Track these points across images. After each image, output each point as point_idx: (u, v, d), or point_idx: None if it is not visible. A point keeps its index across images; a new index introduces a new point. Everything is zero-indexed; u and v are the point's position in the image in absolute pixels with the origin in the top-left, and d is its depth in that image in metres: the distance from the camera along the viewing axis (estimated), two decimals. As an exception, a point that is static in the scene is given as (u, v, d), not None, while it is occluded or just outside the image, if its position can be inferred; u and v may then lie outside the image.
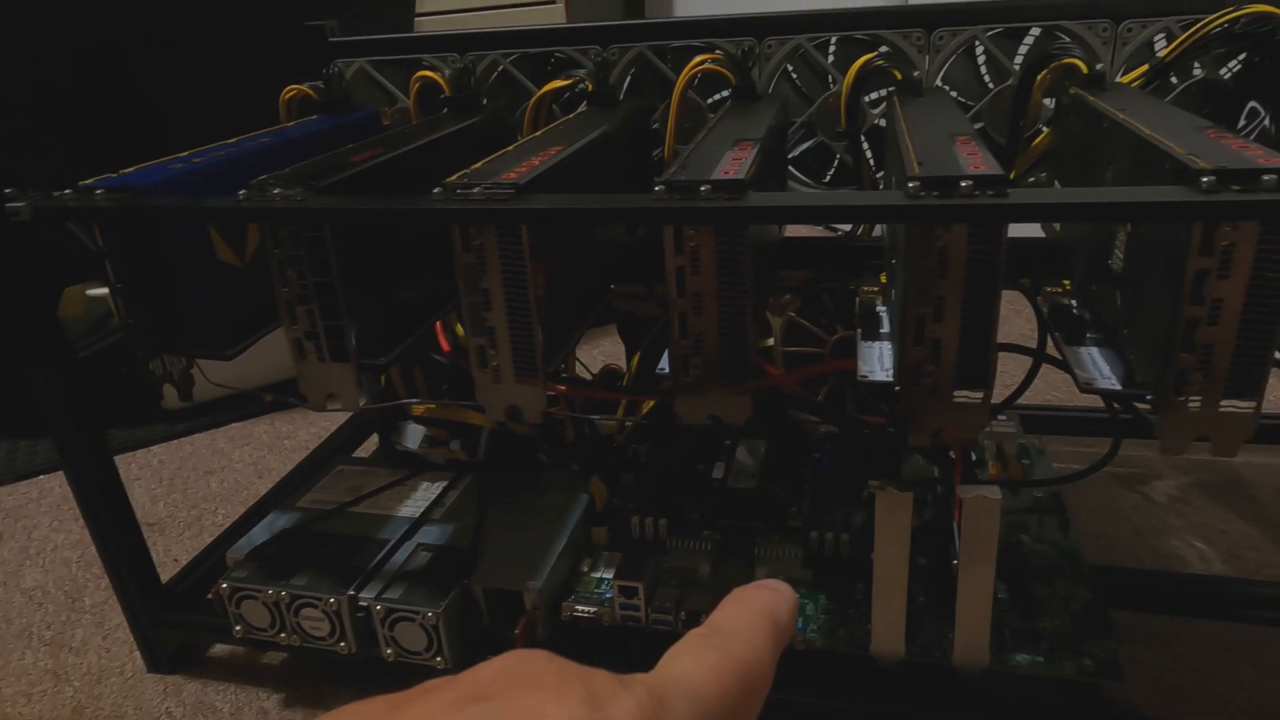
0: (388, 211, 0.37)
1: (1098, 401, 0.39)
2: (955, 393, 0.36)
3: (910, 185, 0.32)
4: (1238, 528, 0.61)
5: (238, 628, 0.50)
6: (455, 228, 0.37)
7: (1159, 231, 0.33)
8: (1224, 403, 0.33)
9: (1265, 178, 0.29)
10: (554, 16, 1.41)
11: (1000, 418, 0.62)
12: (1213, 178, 0.29)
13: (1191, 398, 0.33)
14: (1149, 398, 0.35)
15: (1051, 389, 0.80)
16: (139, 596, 0.55)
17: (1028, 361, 0.45)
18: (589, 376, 0.66)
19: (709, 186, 0.34)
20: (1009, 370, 0.44)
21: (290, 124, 0.57)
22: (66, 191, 0.41)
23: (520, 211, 0.35)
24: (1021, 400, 0.50)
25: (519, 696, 0.17)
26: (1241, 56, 0.50)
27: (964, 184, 0.31)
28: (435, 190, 0.37)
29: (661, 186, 0.34)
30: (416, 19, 1.14)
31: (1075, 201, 0.31)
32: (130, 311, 0.44)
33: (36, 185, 0.42)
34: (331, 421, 0.84)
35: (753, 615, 0.22)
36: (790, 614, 0.23)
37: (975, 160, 0.34)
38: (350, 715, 0.17)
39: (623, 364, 0.64)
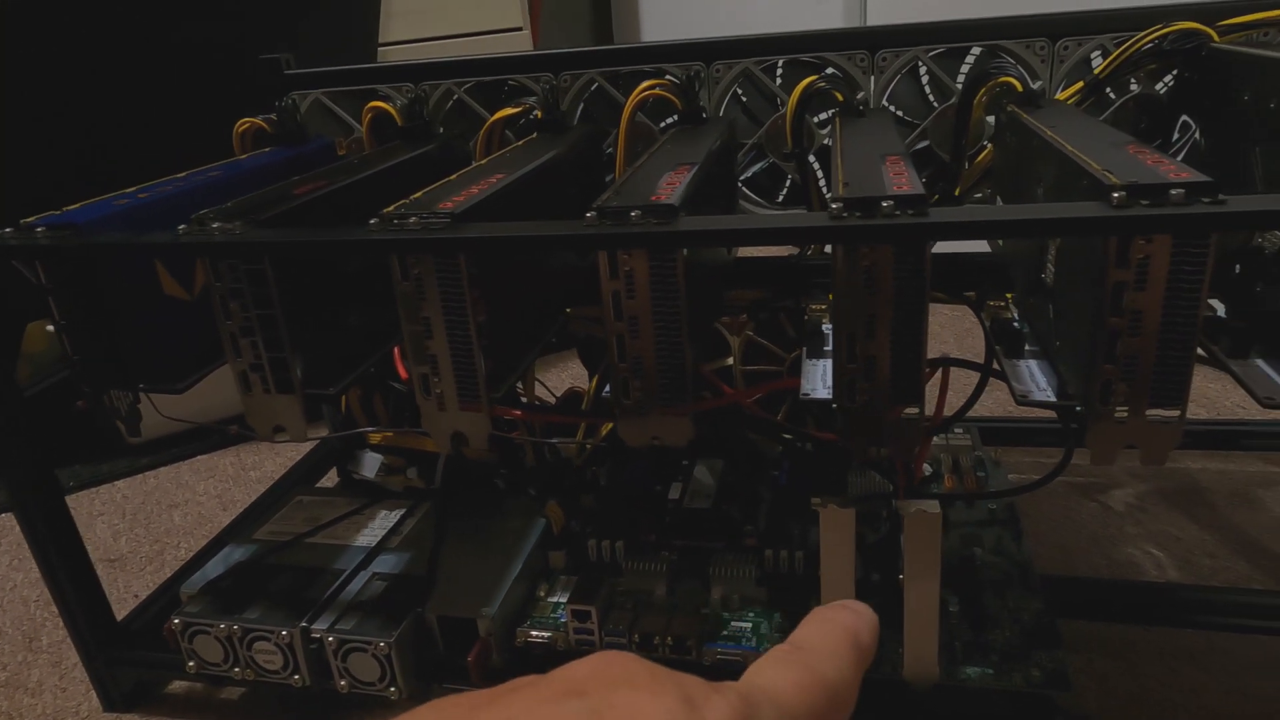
0: (323, 243, 0.37)
1: (1052, 413, 0.39)
2: (892, 408, 0.36)
3: (834, 206, 0.32)
4: (1192, 534, 0.62)
5: (191, 663, 0.50)
6: (394, 257, 0.37)
7: (1081, 246, 0.34)
8: (1150, 411, 0.33)
9: (1173, 192, 0.30)
10: (522, 43, 1.42)
11: (956, 430, 0.62)
12: (1123, 193, 0.30)
13: (1118, 407, 0.33)
14: (1078, 408, 0.35)
15: (1009, 401, 0.80)
16: (92, 635, 0.54)
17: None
18: (553, 399, 0.66)
19: (639, 211, 0.34)
20: (967, 385, 0.44)
21: (243, 156, 0.58)
22: (7, 230, 0.41)
23: (453, 240, 0.35)
24: (978, 413, 0.50)
25: (616, 694, 0.17)
26: (1174, 72, 0.51)
27: (885, 204, 0.32)
28: (372, 221, 0.37)
29: (594, 213, 0.35)
30: (380, 49, 1.15)
31: (991, 219, 0.32)
32: (76, 348, 0.44)
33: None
34: (297, 452, 0.83)
35: (835, 635, 0.22)
36: (872, 635, 0.22)
37: (900, 180, 0.34)
38: (444, 708, 0.17)
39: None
